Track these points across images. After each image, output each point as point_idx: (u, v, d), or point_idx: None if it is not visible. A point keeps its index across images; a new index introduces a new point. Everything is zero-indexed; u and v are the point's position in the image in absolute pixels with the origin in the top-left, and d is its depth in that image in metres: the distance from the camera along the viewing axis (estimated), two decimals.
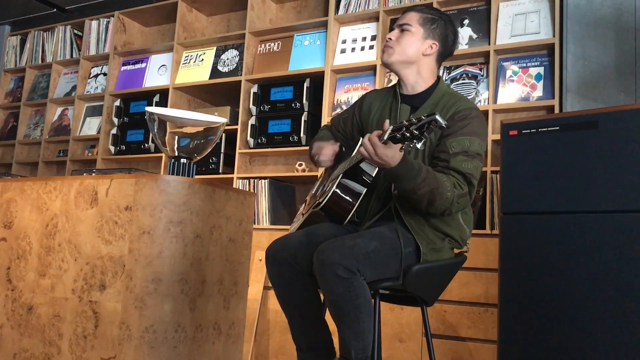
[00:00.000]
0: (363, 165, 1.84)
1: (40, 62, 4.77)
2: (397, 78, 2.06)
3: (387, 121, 1.70)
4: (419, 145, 1.57)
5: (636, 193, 2.02)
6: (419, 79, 1.99)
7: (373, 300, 1.78)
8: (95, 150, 4.27)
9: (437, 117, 1.51)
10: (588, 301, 2.06)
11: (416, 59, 1.98)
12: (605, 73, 2.84)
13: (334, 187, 1.86)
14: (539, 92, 2.92)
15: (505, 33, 3.04)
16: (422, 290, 1.86)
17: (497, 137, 2.82)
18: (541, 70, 2.96)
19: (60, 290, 2.09)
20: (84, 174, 2.34)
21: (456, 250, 1.97)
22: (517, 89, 2.97)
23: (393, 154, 1.66)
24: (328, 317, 1.87)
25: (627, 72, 2.79)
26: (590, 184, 2.12)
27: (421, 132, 1.54)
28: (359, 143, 1.85)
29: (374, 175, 1.86)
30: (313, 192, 2.15)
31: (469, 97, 3.05)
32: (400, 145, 1.62)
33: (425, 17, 1.99)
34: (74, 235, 2.10)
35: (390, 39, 2.00)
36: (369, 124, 2.05)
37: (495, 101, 2.98)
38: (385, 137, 1.63)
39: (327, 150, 2.04)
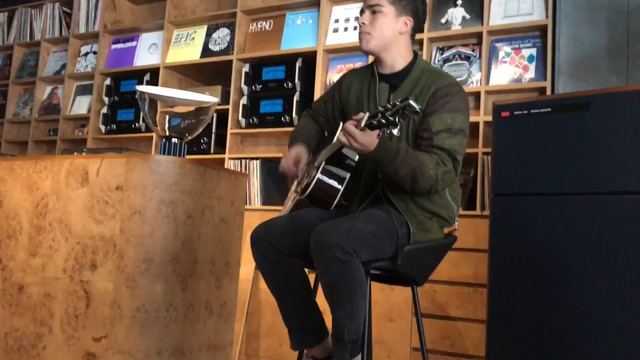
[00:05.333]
0: (345, 151, 1.84)
1: (28, 39, 4.70)
2: None
3: (360, 114, 1.71)
4: (395, 132, 1.59)
5: (627, 175, 2.04)
6: (397, 58, 1.97)
7: None
8: (85, 130, 4.24)
9: (411, 102, 1.52)
10: (578, 282, 2.09)
11: (393, 40, 1.95)
12: (598, 55, 2.84)
13: (318, 174, 1.86)
14: (531, 74, 2.92)
15: (498, 14, 3.02)
16: (413, 271, 1.87)
17: (489, 118, 2.82)
18: (533, 51, 2.95)
19: (51, 269, 2.09)
20: (75, 154, 2.32)
21: (446, 230, 1.98)
22: (509, 71, 2.97)
23: (371, 141, 1.68)
24: (318, 297, 1.88)
25: (619, 54, 2.79)
26: (582, 166, 2.13)
27: (396, 118, 1.55)
28: (339, 128, 1.85)
29: (356, 159, 1.86)
30: (300, 175, 2.14)
31: (461, 79, 3.05)
32: (377, 131, 1.63)
33: None
34: (64, 215, 2.09)
35: (364, 23, 1.95)
36: (349, 105, 2.04)
37: (487, 82, 2.98)
38: (363, 124, 1.64)
39: (289, 167, 2.02)
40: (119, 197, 1.99)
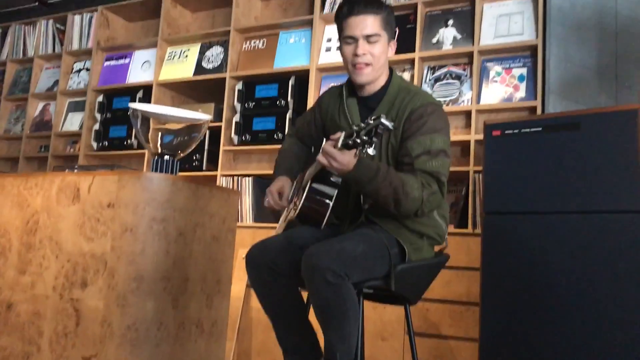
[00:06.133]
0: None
1: (21, 56, 4.71)
2: None
3: (332, 136, 1.70)
4: (370, 151, 1.59)
5: (617, 194, 2.05)
6: (376, 81, 1.93)
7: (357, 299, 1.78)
8: (77, 146, 4.23)
9: (383, 120, 1.52)
10: (569, 300, 2.09)
11: (385, 66, 1.92)
12: (587, 75, 2.87)
13: (305, 193, 1.86)
14: (521, 93, 2.95)
15: (489, 34, 3.06)
16: (406, 290, 1.87)
17: (480, 137, 2.84)
18: (524, 71, 2.98)
19: (40, 287, 2.07)
20: (66, 170, 2.32)
21: (436, 248, 1.98)
22: (500, 90, 3.00)
23: (349, 160, 1.67)
24: (312, 316, 1.87)
25: (608, 74, 2.83)
26: (572, 185, 2.14)
27: (370, 137, 1.55)
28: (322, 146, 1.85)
29: None
30: (290, 194, 2.13)
31: (452, 97, 3.07)
32: (354, 151, 1.63)
33: (384, 17, 1.88)
34: (55, 232, 2.08)
35: (364, 54, 1.86)
36: (327, 125, 2.04)
37: (478, 101, 3.00)
38: (339, 144, 1.64)
39: (274, 202, 1.98)
40: (111, 215, 1.98)
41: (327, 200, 1.84)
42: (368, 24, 1.85)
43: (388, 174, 1.72)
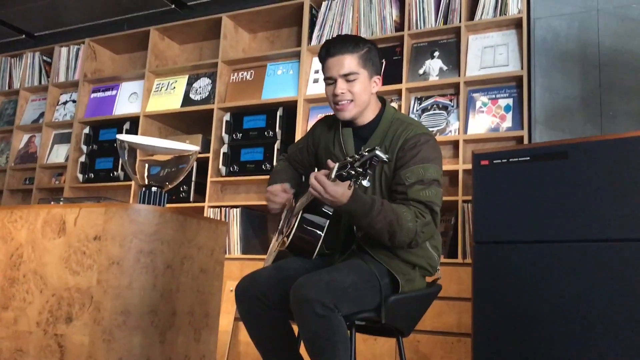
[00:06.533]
0: None
1: (7, 88, 4.69)
2: None
3: (329, 161, 1.68)
4: (364, 183, 1.56)
5: (605, 222, 2.06)
6: (366, 113, 1.95)
7: (349, 332, 1.75)
8: (62, 179, 4.19)
9: (378, 152, 1.50)
10: (561, 330, 2.08)
11: (369, 101, 1.93)
12: (572, 105, 2.91)
13: (297, 223, 1.83)
14: (508, 123, 2.98)
15: (474, 65, 3.10)
16: (398, 321, 1.84)
17: (468, 166, 2.85)
18: (510, 101, 3.02)
19: (23, 323, 2.02)
20: (52, 203, 2.28)
21: (428, 279, 1.96)
22: (486, 120, 3.03)
23: (342, 192, 1.64)
24: (303, 350, 1.84)
25: (592, 104, 2.87)
26: (561, 213, 2.15)
27: (364, 168, 1.54)
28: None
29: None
30: (280, 224, 2.11)
31: (439, 128, 3.09)
32: (348, 182, 1.61)
33: (362, 55, 1.89)
34: (40, 266, 2.04)
35: (342, 92, 1.88)
36: (320, 154, 2.04)
37: (465, 131, 3.03)
38: (333, 175, 1.61)
39: (277, 196, 1.97)
40: (97, 247, 1.94)
41: (319, 231, 1.82)
42: (345, 63, 1.87)
43: (383, 208, 1.70)
